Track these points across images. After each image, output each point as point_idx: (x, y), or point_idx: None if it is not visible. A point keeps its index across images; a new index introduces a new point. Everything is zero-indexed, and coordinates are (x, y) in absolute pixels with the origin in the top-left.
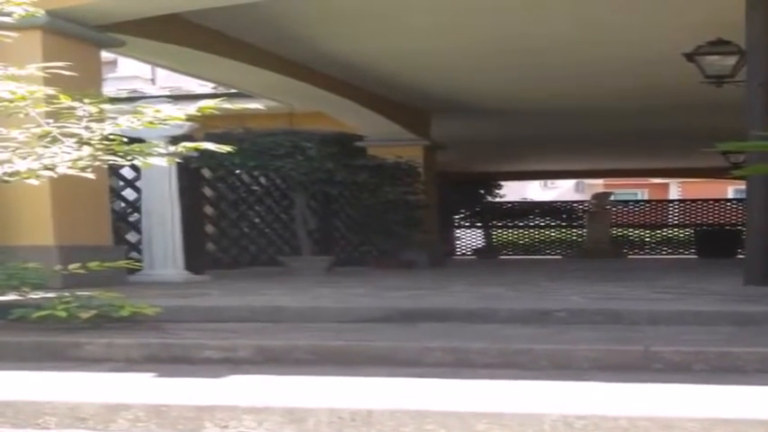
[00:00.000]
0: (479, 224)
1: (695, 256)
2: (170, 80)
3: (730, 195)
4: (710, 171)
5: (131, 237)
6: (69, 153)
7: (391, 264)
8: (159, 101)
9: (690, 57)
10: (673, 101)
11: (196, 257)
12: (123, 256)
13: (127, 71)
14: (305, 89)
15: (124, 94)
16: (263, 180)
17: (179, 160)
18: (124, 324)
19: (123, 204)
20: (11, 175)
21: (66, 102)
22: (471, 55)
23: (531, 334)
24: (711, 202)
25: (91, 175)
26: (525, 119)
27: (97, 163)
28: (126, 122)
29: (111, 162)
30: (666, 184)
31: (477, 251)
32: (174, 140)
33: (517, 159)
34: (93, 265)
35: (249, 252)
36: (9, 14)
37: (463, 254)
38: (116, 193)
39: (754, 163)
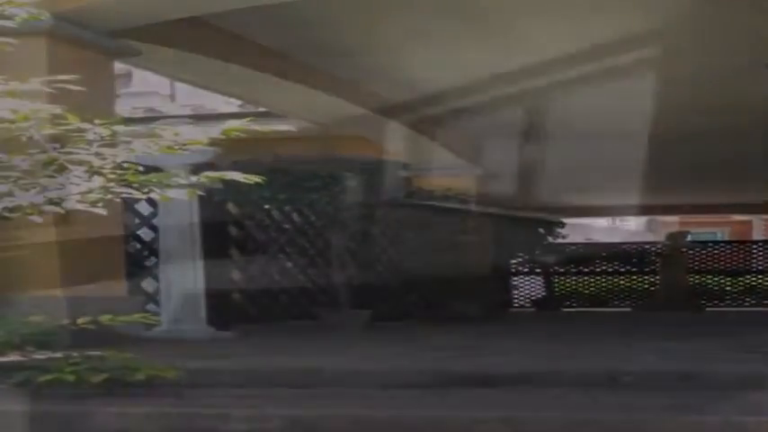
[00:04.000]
0: (539, 270)
1: None
2: (192, 97)
3: None
4: None
5: (147, 285)
6: (78, 184)
7: (440, 317)
8: (179, 121)
9: None
10: (758, 121)
11: (220, 310)
12: (138, 309)
13: (143, 86)
14: (342, 107)
15: (139, 114)
16: (295, 216)
17: (201, 193)
18: (140, 389)
19: (138, 246)
20: (12, 210)
21: (74, 123)
22: (528, 65)
23: (598, 401)
24: None
25: (102, 211)
26: (590, 143)
27: (109, 196)
28: (141, 147)
29: (124, 195)
30: (750, 222)
31: (535, 302)
32: (196, 169)
33: (581, 192)
34: (104, 319)
35: (280, 303)
36: (10, 18)
37: (521, 305)
38: (130, 233)
39: None
